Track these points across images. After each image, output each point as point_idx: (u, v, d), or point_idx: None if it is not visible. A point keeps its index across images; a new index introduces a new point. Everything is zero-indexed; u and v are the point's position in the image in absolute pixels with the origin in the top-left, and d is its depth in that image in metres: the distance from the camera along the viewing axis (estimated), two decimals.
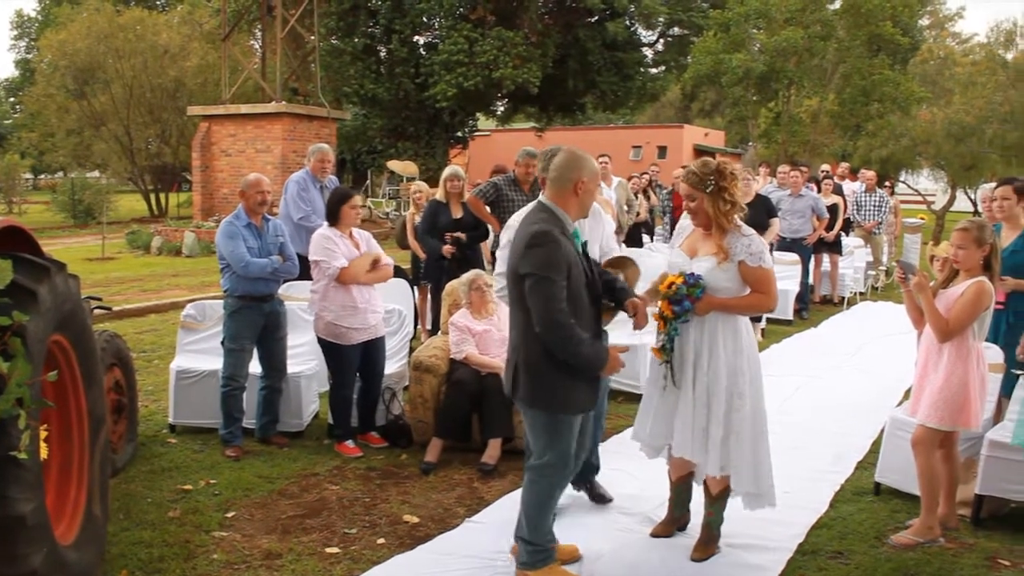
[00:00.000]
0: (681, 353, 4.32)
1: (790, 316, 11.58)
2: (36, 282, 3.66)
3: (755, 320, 10.30)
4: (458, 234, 8.18)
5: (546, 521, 4.21)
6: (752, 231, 4.40)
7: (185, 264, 17.95)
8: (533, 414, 4.09)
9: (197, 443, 6.32)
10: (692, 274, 4.23)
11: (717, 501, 4.50)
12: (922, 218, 15.57)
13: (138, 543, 4.63)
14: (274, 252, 6.20)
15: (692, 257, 4.39)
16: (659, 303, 4.29)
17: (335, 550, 4.61)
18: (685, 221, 4.63)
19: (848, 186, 15.32)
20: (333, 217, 6.11)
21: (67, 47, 30.92)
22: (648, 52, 35.19)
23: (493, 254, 8.48)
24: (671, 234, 12.48)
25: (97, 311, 5.96)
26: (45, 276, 3.78)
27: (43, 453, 3.81)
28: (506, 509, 4.98)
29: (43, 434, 3.85)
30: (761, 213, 10.10)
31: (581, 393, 4.05)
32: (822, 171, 16.29)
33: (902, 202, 20.62)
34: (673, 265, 4.43)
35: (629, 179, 13.91)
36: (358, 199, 6.19)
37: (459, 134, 31.31)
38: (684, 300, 4.18)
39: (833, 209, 12.69)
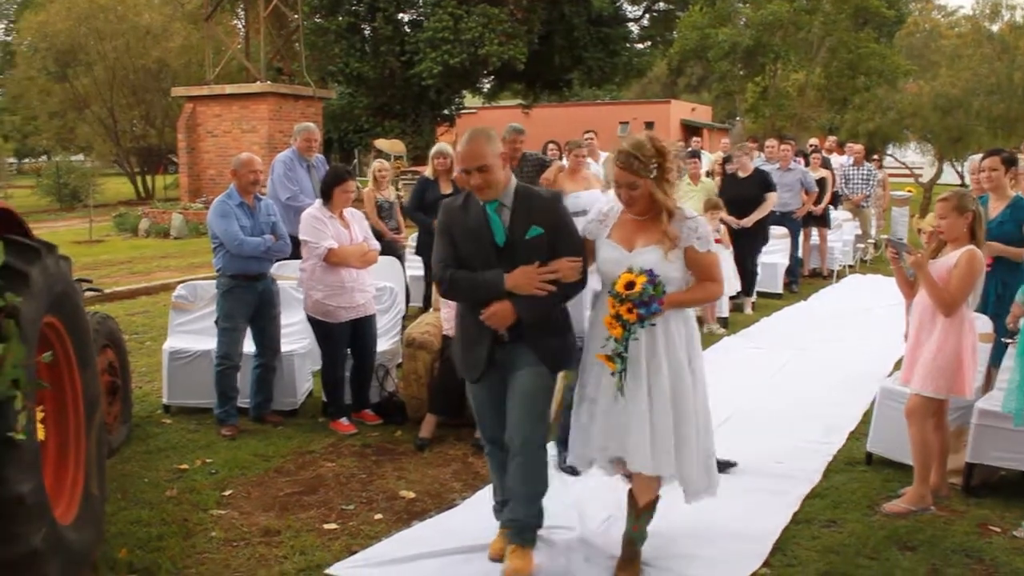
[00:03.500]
0: (634, 359, 3.82)
1: (780, 290, 11.64)
2: (28, 264, 3.65)
3: (746, 295, 10.36)
4: None
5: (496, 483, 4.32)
6: (694, 213, 4.00)
7: (174, 246, 17.88)
8: None
9: (192, 423, 6.32)
10: (651, 271, 3.72)
11: (644, 513, 4.07)
12: (909, 191, 15.63)
13: (136, 522, 4.65)
14: (267, 231, 6.19)
15: (630, 250, 3.88)
16: (613, 307, 3.72)
17: (333, 526, 4.63)
18: (604, 207, 4.14)
19: (836, 159, 15.36)
20: (326, 196, 6.10)
21: (47, 28, 30.61)
22: (634, 27, 35.15)
23: None
24: None
25: (88, 293, 5.95)
26: (37, 258, 3.77)
27: (40, 434, 3.81)
28: None
29: (39, 415, 3.85)
30: (755, 188, 10.14)
31: (464, 357, 4.14)
32: (810, 145, 16.32)
33: (890, 175, 20.66)
34: (609, 261, 3.91)
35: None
36: (352, 184, 6.19)
37: (445, 112, 31.19)
38: (653, 302, 3.68)
39: (821, 183, 12.72)
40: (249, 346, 6.32)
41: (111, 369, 5.83)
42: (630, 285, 3.68)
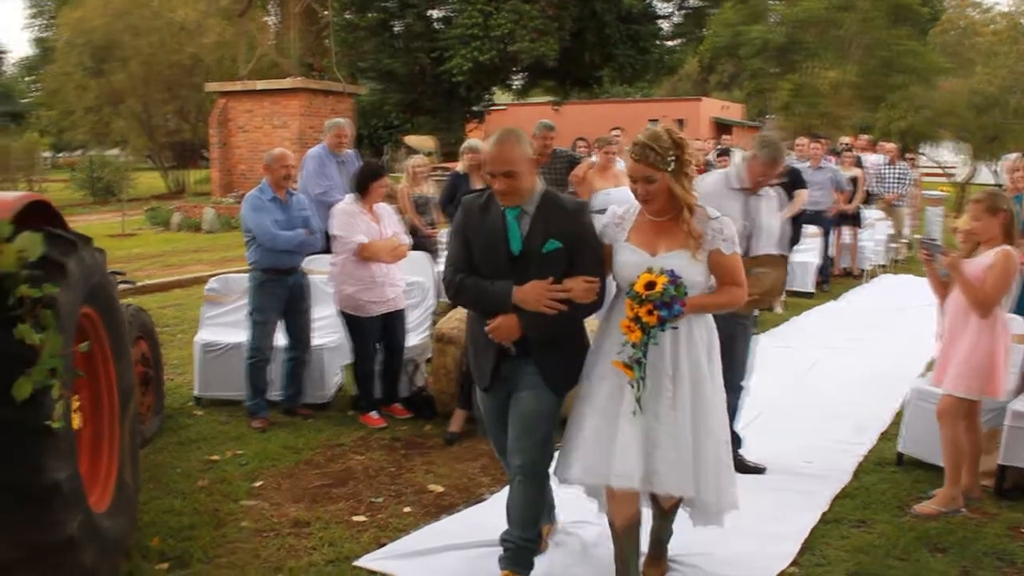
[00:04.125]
0: (655, 368, 3.54)
1: (811, 288, 11.56)
2: (65, 255, 3.71)
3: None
4: None
5: None
6: (718, 212, 3.68)
7: (206, 240, 18.06)
8: None
9: (223, 415, 6.39)
10: (673, 271, 3.44)
11: (670, 514, 3.98)
12: (944, 190, 15.46)
13: (168, 511, 4.71)
14: (299, 225, 6.23)
15: (653, 254, 3.59)
16: (631, 309, 3.44)
17: (362, 518, 4.67)
18: (619, 208, 3.82)
19: (870, 158, 15.22)
20: (362, 190, 6.13)
21: (84, 24, 31.02)
22: (665, 24, 34.96)
23: None
24: None
25: (121, 286, 6.03)
26: (73, 249, 3.84)
27: (76, 423, 3.87)
28: None
29: (75, 405, 3.92)
30: (787, 186, 10.05)
31: (474, 365, 3.95)
32: (842, 143, 16.17)
33: (923, 175, 20.44)
34: (628, 264, 3.61)
35: None
36: (387, 179, 6.25)
37: (476, 108, 31.22)
38: (675, 303, 3.40)
39: (853, 181, 12.62)
40: (281, 339, 6.37)
41: (144, 360, 5.90)
42: (650, 285, 3.42)
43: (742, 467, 4.92)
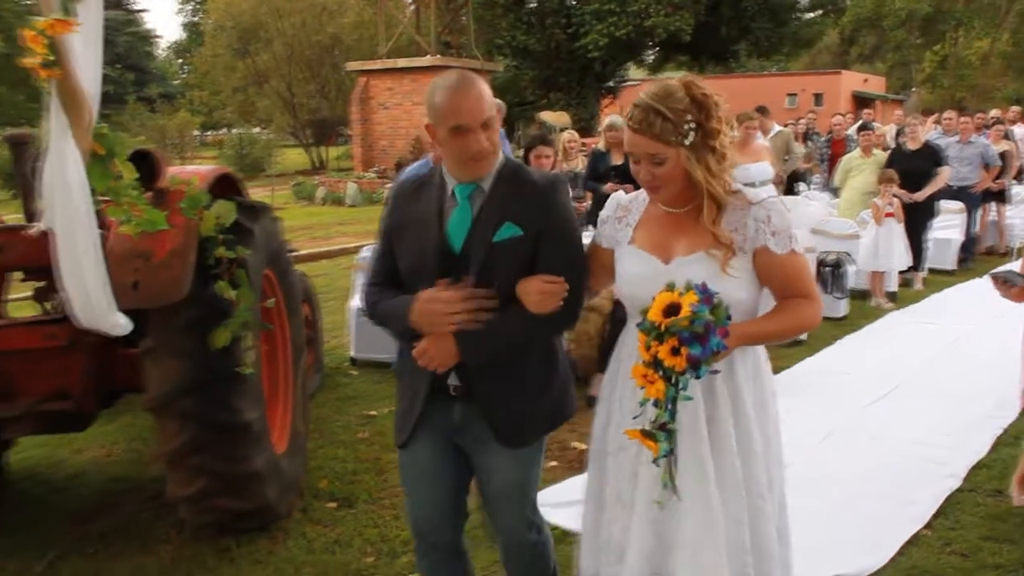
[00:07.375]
0: (690, 432, 2.43)
1: (952, 266, 11.29)
2: (252, 221, 4.15)
3: (916, 269, 10.11)
4: (626, 185, 8.44)
5: None
6: (763, 193, 2.68)
7: (349, 213, 18.83)
8: None
9: (376, 375, 6.84)
10: (704, 286, 2.27)
11: None
12: None
13: (333, 459, 5.16)
14: None
15: (667, 260, 2.50)
16: (647, 348, 2.27)
17: None
18: (624, 198, 2.71)
19: (1018, 131, 14.64)
20: (525, 154, 6.47)
21: (232, 8, 32.58)
22: None
23: None
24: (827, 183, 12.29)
25: None
26: (257, 217, 4.28)
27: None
28: None
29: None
30: (925, 161, 9.91)
31: (398, 408, 2.91)
32: (992, 117, 15.59)
33: None
34: (634, 280, 2.55)
35: (785, 126, 13.72)
36: (550, 150, 6.60)
37: (610, 84, 31.27)
38: (713, 334, 2.22)
39: (1003, 156, 12.20)
40: None
41: (307, 322, 6.38)
42: (672, 309, 2.25)
43: None
